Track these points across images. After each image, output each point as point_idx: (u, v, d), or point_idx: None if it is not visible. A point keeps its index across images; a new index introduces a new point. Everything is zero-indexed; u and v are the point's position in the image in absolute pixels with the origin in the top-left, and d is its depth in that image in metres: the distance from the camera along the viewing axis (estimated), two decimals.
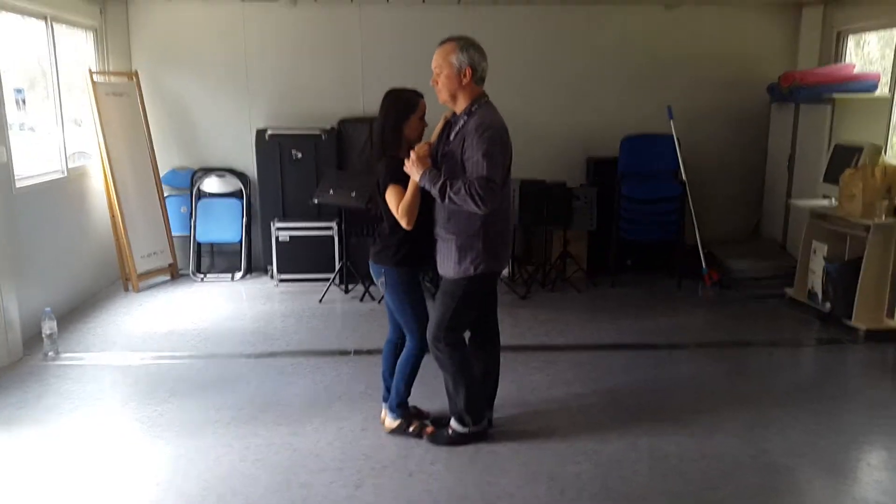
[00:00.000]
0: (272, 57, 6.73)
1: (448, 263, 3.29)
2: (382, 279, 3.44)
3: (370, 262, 3.49)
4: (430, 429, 3.58)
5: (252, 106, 6.77)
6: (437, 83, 3.24)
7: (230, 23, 6.63)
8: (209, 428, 3.68)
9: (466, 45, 3.20)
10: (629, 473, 3.25)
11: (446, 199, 3.12)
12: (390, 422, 3.61)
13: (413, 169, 3.17)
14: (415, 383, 3.58)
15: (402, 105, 3.34)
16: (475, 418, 3.49)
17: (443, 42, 3.25)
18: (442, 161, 3.26)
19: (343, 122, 6.60)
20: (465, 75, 3.18)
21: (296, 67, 6.74)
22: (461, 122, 3.22)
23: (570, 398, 4.07)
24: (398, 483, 3.17)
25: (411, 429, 3.57)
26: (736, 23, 6.81)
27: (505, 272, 6.28)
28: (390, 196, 3.27)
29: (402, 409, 3.61)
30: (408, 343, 3.50)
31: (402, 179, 3.24)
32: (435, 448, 3.46)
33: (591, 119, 6.89)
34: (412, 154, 3.19)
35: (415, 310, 3.43)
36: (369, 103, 6.67)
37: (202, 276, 6.64)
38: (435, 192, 3.13)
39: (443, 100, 3.29)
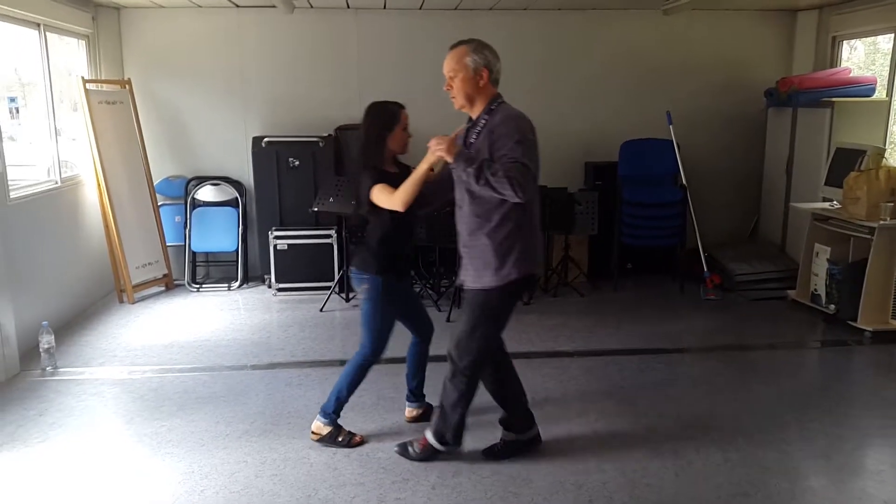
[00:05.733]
0: (268, 64, 6.63)
1: (486, 272, 3.12)
2: (365, 286, 3.40)
3: (352, 269, 3.46)
4: (358, 438, 3.54)
5: (247, 113, 6.67)
6: (452, 87, 3.13)
7: (225, 30, 6.53)
8: (221, 442, 3.58)
9: (480, 46, 3.12)
10: (656, 481, 3.20)
11: (482, 182, 2.92)
12: (320, 426, 3.54)
13: (447, 149, 2.97)
14: None
15: (387, 117, 3.33)
16: (457, 441, 3.39)
17: (454, 46, 3.15)
18: None
19: (340, 129, 6.51)
20: (481, 77, 3.08)
21: (292, 74, 6.65)
22: (482, 121, 3.10)
23: (585, 405, 4.02)
24: (422, 497, 3.09)
25: (340, 438, 3.52)
26: (733, 28, 6.84)
27: None
28: (379, 193, 3.22)
29: (337, 415, 3.54)
30: (361, 351, 3.46)
31: (388, 182, 3.23)
32: (456, 460, 3.38)
33: (590, 124, 6.88)
34: (451, 135, 3.04)
35: (383, 323, 3.43)
36: None
37: (197, 286, 6.52)
38: (471, 172, 2.93)
39: (459, 105, 3.16)
